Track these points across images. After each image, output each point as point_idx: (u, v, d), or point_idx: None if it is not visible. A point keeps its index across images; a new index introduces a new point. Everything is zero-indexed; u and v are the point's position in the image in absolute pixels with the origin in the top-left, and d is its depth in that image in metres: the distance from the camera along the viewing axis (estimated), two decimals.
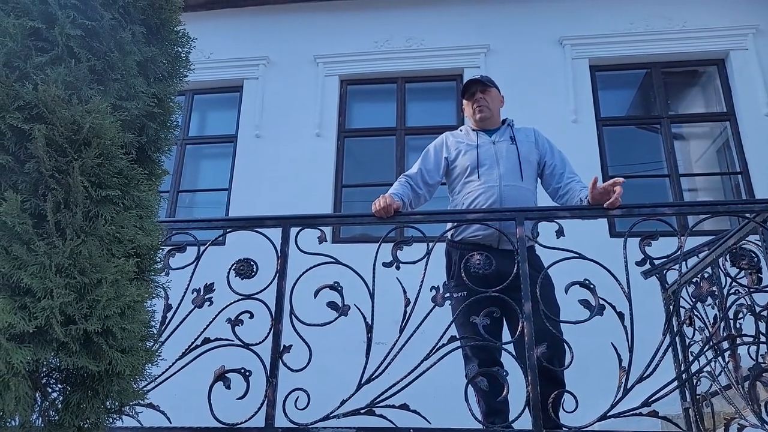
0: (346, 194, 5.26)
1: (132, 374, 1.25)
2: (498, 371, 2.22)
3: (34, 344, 1.09)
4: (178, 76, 1.67)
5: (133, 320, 1.25)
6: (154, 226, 1.44)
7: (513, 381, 2.21)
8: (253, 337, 2.23)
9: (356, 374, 2.17)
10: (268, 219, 2.47)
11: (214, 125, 5.84)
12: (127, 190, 1.34)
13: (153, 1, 1.54)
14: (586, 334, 2.26)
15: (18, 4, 1.30)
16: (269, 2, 5.78)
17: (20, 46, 1.28)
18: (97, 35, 1.38)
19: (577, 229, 2.43)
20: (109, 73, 1.40)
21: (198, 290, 2.35)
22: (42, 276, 1.11)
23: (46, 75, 1.27)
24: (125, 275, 1.25)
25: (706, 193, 5.32)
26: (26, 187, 1.20)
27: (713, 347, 2.32)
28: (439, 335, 2.18)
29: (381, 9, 5.67)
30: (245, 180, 5.27)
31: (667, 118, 5.16)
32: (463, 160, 2.78)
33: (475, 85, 2.89)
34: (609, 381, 2.21)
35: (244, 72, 5.63)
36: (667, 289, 2.85)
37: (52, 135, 1.21)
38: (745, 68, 5.04)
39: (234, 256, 2.40)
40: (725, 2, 5.24)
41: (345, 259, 2.31)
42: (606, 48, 5.26)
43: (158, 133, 1.57)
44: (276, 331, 2.24)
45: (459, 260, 2.46)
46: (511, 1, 5.54)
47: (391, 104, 5.51)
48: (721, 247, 2.38)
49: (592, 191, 2.43)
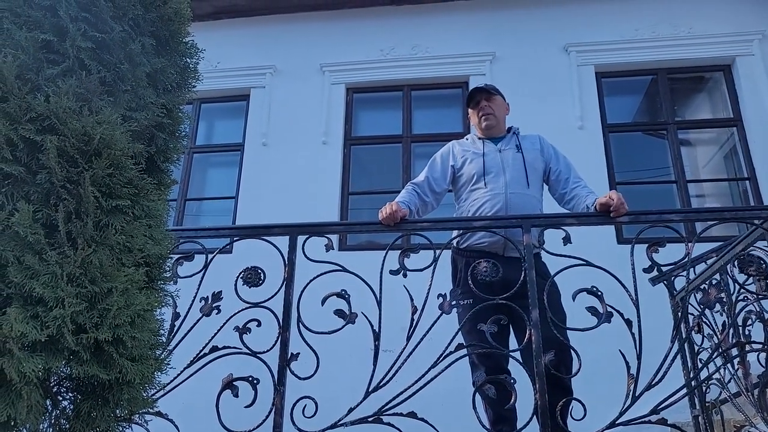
0: (353, 202, 5.28)
1: (142, 383, 1.26)
2: (505, 379, 2.22)
3: (46, 353, 1.11)
4: (187, 87, 1.69)
5: (142, 329, 1.26)
6: (163, 235, 1.46)
7: (521, 389, 2.20)
8: (261, 345, 2.24)
9: (363, 382, 2.17)
10: (276, 227, 2.48)
11: (222, 134, 5.88)
12: (137, 199, 1.35)
13: (162, 13, 1.56)
14: (594, 342, 2.26)
15: (30, 18, 1.32)
16: (276, 12, 5.83)
17: (32, 59, 1.30)
18: (108, 47, 1.40)
19: (584, 235, 2.43)
20: (120, 84, 1.42)
21: (206, 298, 2.36)
22: (54, 285, 1.13)
23: (57, 87, 1.29)
24: (135, 284, 1.26)
25: (713, 199, 5.30)
26: (38, 198, 1.21)
27: (722, 354, 2.30)
28: (445, 343, 2.18)
29: (386, 18, 5.70)
30: (252, 188, 5.29)
31: (673, 124, 5.15)
32: (470, 168, 2.79)
33: (480, 94, 2.91)
34: (617, 388, 2.20)
35: (251, 81, 5.68)
36: (675, 295, 2.84)
37: (64, 146, 1.23)
38: (751, 74, 5.03)
39: (241, 264, 2.41)
40: (731, 8, 5.24)
41: (352, 267, 2.32)
42: (612, 54, 5.26)
43: (167, 143, 1.58)
44: (283, 339, 2.25)
45: (465, 267, 2.46)
46: (517, 9, 5.56)
47: (397, 112, 5.53)
48: (729, 253, 2.37)
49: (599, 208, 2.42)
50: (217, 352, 2.25)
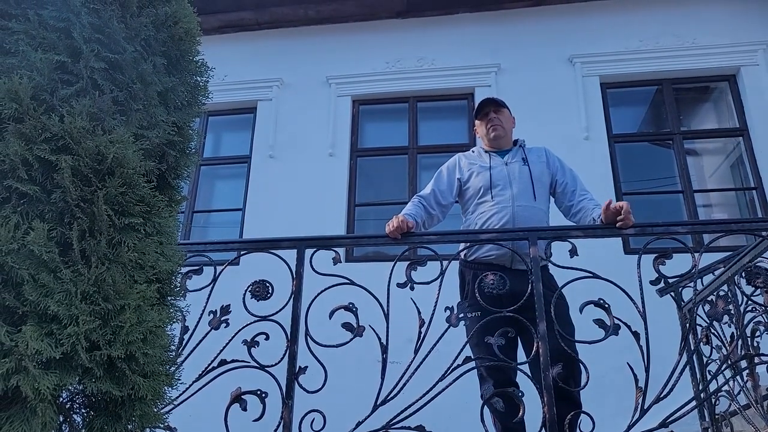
0: (359, 213, 5.30)
1: (153, 399, 1.28)
2: (513, 392, 2.22)
3: (60, 370, 1.12)
4: (197, 104, 1.72)
5: (154, 345, 1.27)
6: (174, 252, 1.48)
7: (529, 402, 2.20)
8: (269, 358, 2.25)
9: (371, 394, 2.17)
10: (283, 240, 2.50)
11: (229, 146, 5.93)
12: (149, 217, 1.37)
13: (173, 33, 1.59)
14: (602, 354, 2.25)
15: (45, 40, 1.35)
16: (282, 25, 5.89)
17: (47, 80, 1.32)
18: (120, 67, 1.43)
19: (590, 246, 2.43)
20: (132, 103, 1.44)
21: (214, 312, 2.37)
22: (68, 303, 1.14)
23: (71, 107, 1.31)
24: (147, 301, 1.28)
25: (720, 209, 5.28)
26: (52, 216, 1.23)
27: (731, 366, 2.30)
28: (453, 355, 2.19)
29: (392, 30, 5.75)
30: (259, 200, 5.32)
31: (679, 134, 5.15)
32: (476, 182, 2.80)
33: (488, 105, 2.93)
34: (626, 401, 2.20)
35: (258, 93, 5.73)
36: (683, 307, 2.83)
37: (78, 165, 1.25)
38: (756, 84, 5.03)
39: (248, 276, 2.42)
40: (735, 19, 5.25)
41: (358, 279, 2.33)
42: (616, 66, 5.28)
43: (178, 160, 1.61)
44: (291, 352, 2.26)
45: (473, 280, 2.47)
46: (521, 21, 5.60)
47: (403, 123, 5.56)
48: (736, 265, 2.37)
49: (605, 212, 2.42)
50: (225, 366, 2.26)
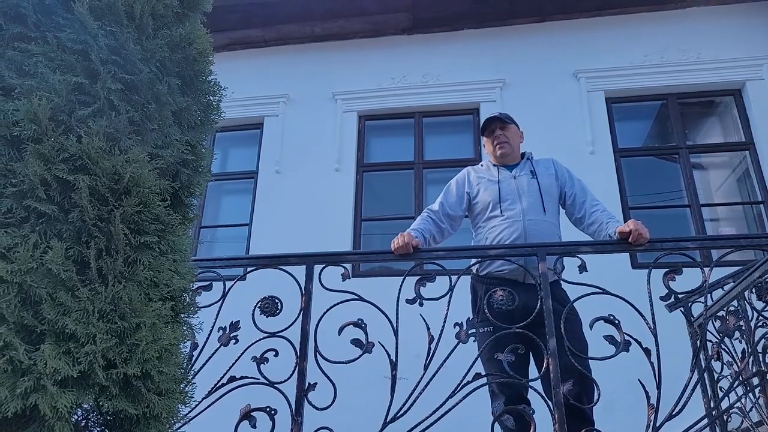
0: (366, 228, 5.31)
1: (168, 417, 1.28)
2: (524, 409, 2.21)
3: (77, 388, 1.13)
4: (210, 123, 1.74)
5: (169, 363, 1.28)
6: (187, 269, 1.49)
7: (540, 419, 2.19)
8: (278, 375, 2.25)
9: (380, 411, 2.16)
10: (292, 257, 2.51)
11: (236, 161, 5.96)
12: (163, 235, 1.39)
13: (187, 54, 1.62)
14: (613, 370, 2.25)
15: (63, 62, 1.37)
16: (288, 42, 5.95)
17: (65, 101, 1.35)
18: (136, 88, 1.45)
19: (599, 261, 2.43)
20: (147, 123, 1.46)
21: (224, 328, 2.38)
22: (85, 321, 1.16)
23: (88, 127, 1.33)
24: (162, 319, 1.29)
25: (728, 223, 5.27)
26: (70, 235, 1.25)
27: (743, 383, 2.28)
28: (463, 371, 2.18)
29: (397, 46, 5.80)
30: (266, 215, 5.35)
31: (685, 148, 5.16)
32: (485, 196, 2.81)
33: (495, 122, 2.94)
34: (637, 418, 2.19)
35: (264, 109, 5.78)
36: (693, 322, 2.82)
37: (95, 185, 1.27)
38: (762, 97, 5.04)
39: (256, 292, 2.43)
40: (740, 33, 5.28)
41: (366, 294, 2.33)
42: (621, 80, 5.31)
43: (191, 178, 1.62)
44: (301, 368, 2.26)
45: (484, 295, 2.47)
46: (526, 36, 5.64)
47: (408, 138, 5.59)
48: (746, 280, 2.37)
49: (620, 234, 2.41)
50: (235, 382, 2.27)
